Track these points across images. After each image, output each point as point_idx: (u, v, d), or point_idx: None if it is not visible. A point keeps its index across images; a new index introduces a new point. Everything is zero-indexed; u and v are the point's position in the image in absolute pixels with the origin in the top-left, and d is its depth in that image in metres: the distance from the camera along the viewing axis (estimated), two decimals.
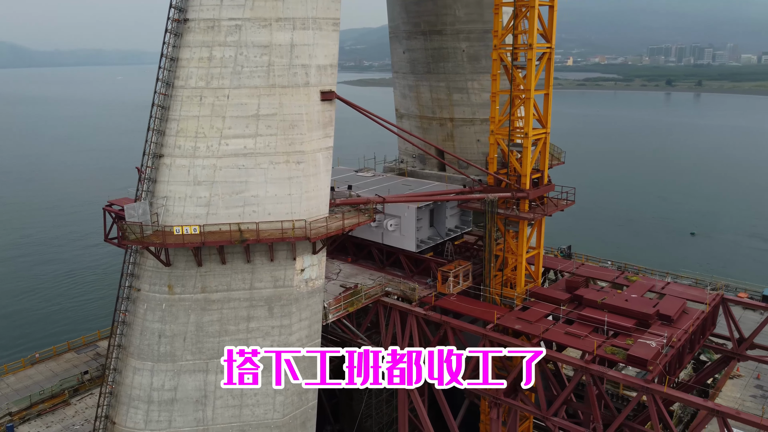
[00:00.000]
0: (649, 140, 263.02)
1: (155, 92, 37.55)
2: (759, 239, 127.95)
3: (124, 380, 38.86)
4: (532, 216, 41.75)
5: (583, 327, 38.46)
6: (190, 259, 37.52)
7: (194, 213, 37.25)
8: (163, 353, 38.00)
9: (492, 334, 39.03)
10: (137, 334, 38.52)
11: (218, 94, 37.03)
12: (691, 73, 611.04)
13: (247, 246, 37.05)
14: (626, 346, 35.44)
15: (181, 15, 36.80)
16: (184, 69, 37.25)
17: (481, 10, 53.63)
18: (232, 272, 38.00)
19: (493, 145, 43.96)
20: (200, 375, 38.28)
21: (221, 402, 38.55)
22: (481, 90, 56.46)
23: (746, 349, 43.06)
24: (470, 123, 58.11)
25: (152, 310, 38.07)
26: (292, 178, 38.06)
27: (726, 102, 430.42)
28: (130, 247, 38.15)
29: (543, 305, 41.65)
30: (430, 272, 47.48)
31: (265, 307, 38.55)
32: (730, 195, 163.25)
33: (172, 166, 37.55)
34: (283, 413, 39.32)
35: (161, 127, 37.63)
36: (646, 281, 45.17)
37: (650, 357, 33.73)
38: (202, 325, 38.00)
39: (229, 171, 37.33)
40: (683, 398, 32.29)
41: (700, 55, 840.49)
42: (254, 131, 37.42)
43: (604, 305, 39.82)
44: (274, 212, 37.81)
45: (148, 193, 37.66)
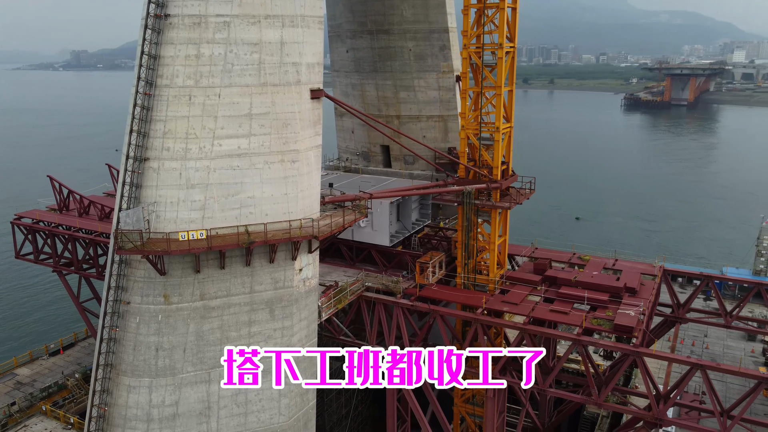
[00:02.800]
0: (522, 134, 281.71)
1: (136, 91, 35.39)
2: (638, 220, 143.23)
3: (117, 401, 36.26)
4: (509, 204, 44.52)
5: (564, 304, 41.83)
6: (187, 266, 35.87)
7: (189, 218, 35.66)
8: (161, 367, 35.97)
9: (483, 318, 41.24)
10: (130, 350, 36.09)
11: (209, 93, 35.72)
12: (542, 72, 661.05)
13: (247, 248, 36.13)
14: (609, 318, 39.22)
15: (161, 10, 35.01)
16: (169, 67, 35.50)
17: (427, 11, 55.74)
18: (231, 276, 36.86)
19: (464, 139, 46.16)
20: (203, 386, 36.73)
21: (225, 411, 37.26)
22: (426, 88, 58.63)
23: (686, 313, 49.01)
24: (416, 120, 60.08)
25: (146, 323, 35.89)
26: (288, 177, 37.64)
27: (575, 98, 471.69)
28: (117, 258, 35.66)
29: (520, 287, 44.59)
30: (404, 265, 48.79)
31: (266, 310, 37.80)
32: (599, 183, 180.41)
33: (161, 170, 35.64)
34: (288, 416, 38.79)
35: (144, 129, 35.55)
36: (599, 260, 49.80)
37: (634, 324, 37.69)
38: (203, 333, 36.48)
39: (224, 172, 36.16)
40: (668, 357, 36.55)
41: (548, 56, 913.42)
42: (248, 131, 36.55)
43: (578, 283, 43.55)
44: (271, 213, 37.18)
45: (132, 200, 35.42)
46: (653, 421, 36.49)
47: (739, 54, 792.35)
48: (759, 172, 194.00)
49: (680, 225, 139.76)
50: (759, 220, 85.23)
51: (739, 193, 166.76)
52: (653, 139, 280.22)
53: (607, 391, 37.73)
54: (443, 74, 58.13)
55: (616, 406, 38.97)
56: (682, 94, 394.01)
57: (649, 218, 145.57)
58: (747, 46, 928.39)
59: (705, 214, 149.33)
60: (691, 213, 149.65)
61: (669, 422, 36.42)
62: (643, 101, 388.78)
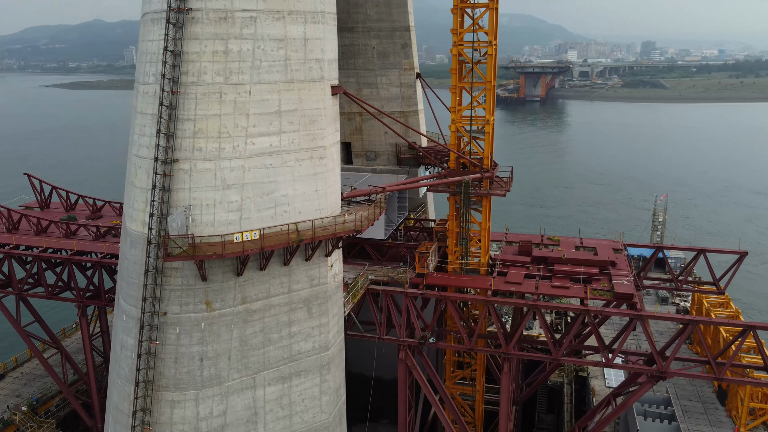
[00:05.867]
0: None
1: (162, 90, 33.50)
2: (537, 207, 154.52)
3: (160, 419, 34.07)
4: (503, 191, 47.48)
5: (561, 280, 45.64)
6: (227, 270, 34.63)
7: (226, 219, 34.43)
8: (207, 377, 34.40)
9: (494, 299, 43.83)
10: (171, 363, 34.09)
11: (239, 90, 34.72)
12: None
13: (288, 248, 35.62)
14: (607, 288, 43.57)
15: (183, 4, 33.48)
16: (195, 64, 34.04)
17: (390, 10, 57.31)
18: (270, 277, 36.10)
19: (454, 132, 48.39)
20: (248, 392, 35.63)
21: (272, 416, 36.44)
22: (389, 85, 60.17)
23: (642, 281, 55.21)
24: (379, 116, 61.25)
25: (188, 333, 34.12)
26: (317, 174, 37.55)
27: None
28: (150, 268, 33.48)
29: (516, 268, 47.80)
30: (398, 257, 50.08)
31: (304, 309, 37.45)
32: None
33: (193, 171, 34.08)
34: (329, 413, 38.73)
35: (170, 130, 33.76)
36: (569, 239, 54.50)
37: (633, 291, 42.31)
38: (246, 338, 35.39)
39: (258, 171, 35.33)
40: (667, 317, 41.56)
41: None
42: (278, 128, 35.99)
43: (568, 260, 47.62)
44: (303, 210, 36.88)
45: (162, 204, 33.50)
46: (658, 375, 41.30)
47: (572, 54, 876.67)
48: (620, 161, 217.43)
49: (572, 210, 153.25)
50: (652, 199, 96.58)
51: (615, 179, 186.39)
52: (519, 132, 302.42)
53: (618, 352, 41.95)
54: (405, 71, 60.03)
55: (626, 366, 43.23)
56: (534, 90, 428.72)
57: (544, 204, 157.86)
58: (578, 47, 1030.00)
59: (591, 199, 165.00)
60: (579, 198, 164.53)
61: (672, 374, 41.40)
62: (501, 98, 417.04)
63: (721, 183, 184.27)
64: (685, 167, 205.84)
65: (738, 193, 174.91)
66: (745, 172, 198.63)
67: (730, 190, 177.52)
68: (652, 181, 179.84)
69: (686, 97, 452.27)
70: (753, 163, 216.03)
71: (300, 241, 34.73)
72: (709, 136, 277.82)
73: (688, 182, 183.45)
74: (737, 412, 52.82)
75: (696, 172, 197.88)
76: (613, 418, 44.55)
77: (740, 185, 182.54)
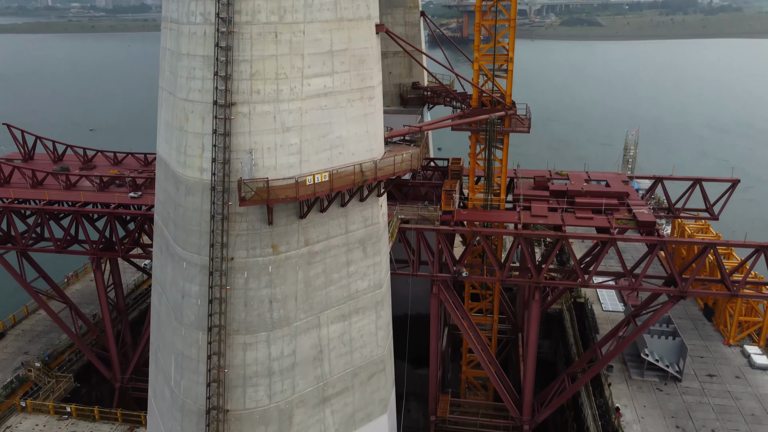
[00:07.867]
0: None
1: (218, 30, 32.37)
2: None
3: (233, 361, 34.51)
4: (526, 128, 48.72)
5: (583, 212, 47.90)
6: (291, 214, 34.70)
7: (288, 163, 34.24)
8: (277, 319, 34.92)
9: (525, 232, 45.73)
10: (240, 308, 34.34)
11: (294, 30, 33.92)
12: None
13: (350, 190, 35.91)
14: (629, 217, 46.15)
15: None
16: (248, 2, 32.92)
17: None
18: (329, 219, 36.42)
19: (477, 71, 48.84)
20: (314, 332, 36.44)
21: (335, 353, 37.52)
22: (393, 24, 59.51)
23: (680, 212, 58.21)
24: (383, 56, 60.52)
25: (255, 277, 34.31)
26: (368, 114, 37.55)
27: None
28: (216, 214, 33.14)
29: (537, 202, 49.69)
30: (420, 197, 51.03)
31: (360, 249, 38.12)
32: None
33: (252, 115, 33.49)
34: (384, 347, 40.17)
35: (225, 71, 32.87)
36: (577, 173, 56.71)
37: (654, 219, 45.06)
38: (310, 279, 35.90)
39: (315, 113, 35.04)
40: (687, 241, 44.69)
41: None
42: (330, 69, 35.55)
43: (587, 192, 49.84)
44: (356, 152, 36.95)
45: (224, 149, 32.94)
46: (679, 294, 44.68)
47: None
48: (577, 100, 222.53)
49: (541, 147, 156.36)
50: (624, 134, 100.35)
51: (576, 117, 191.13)
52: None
53: (642, 275, 44.93)
54: (409, 9, 59.39)
55: (652, 288, 46.39)
56: None
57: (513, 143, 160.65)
58: None
59: (556, 136, 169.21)
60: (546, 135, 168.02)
61: (691, 293, 44.86)
62: (446, 38, 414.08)
63: (676, 119, 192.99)
64: (640, 105, 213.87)
65: (692, 128, 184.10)
66: (698, 108, 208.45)
67: (684, 125, 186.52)
68: (611, 117, 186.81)
69: (623, 35, 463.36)
70: (702, 100, 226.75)
71: (364, 181, 35.05)
72: (655, 75, 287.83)
73: (645, 118, 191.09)
74: (725, 326, 57.90)
75: (650, 110, 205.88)
76: (636, 336, 48.02)
77: (692, 121, 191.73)
